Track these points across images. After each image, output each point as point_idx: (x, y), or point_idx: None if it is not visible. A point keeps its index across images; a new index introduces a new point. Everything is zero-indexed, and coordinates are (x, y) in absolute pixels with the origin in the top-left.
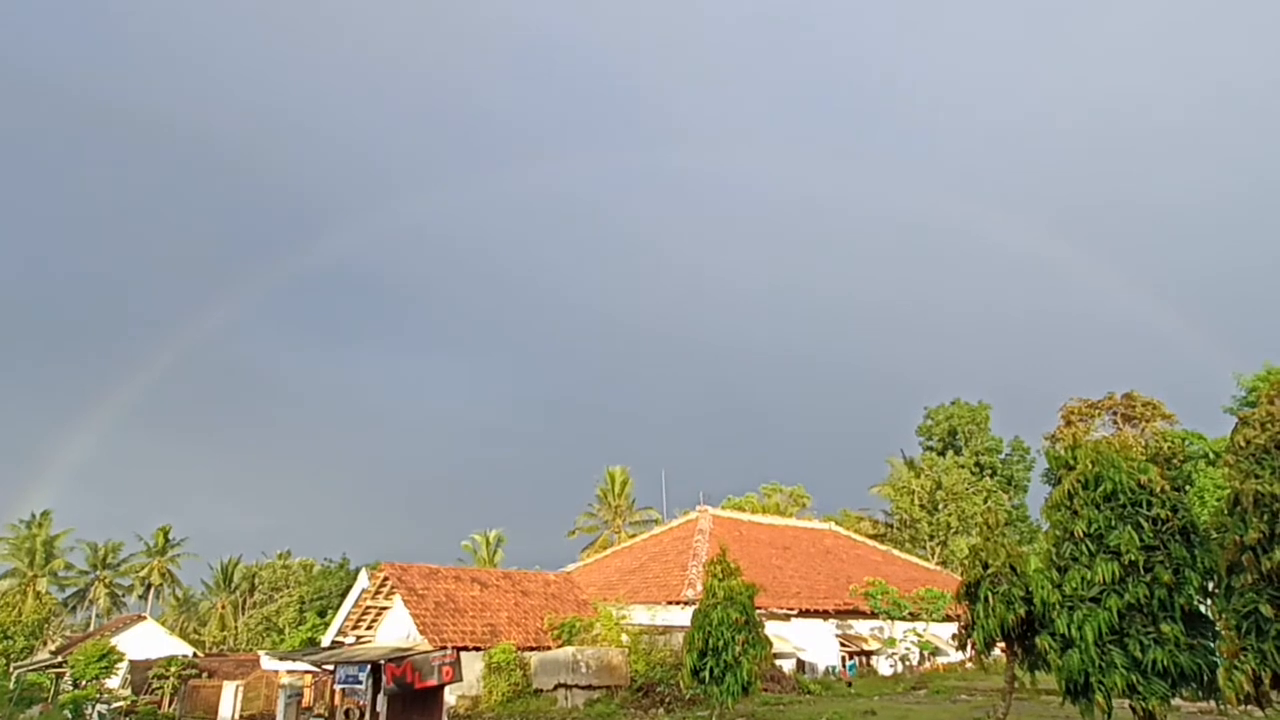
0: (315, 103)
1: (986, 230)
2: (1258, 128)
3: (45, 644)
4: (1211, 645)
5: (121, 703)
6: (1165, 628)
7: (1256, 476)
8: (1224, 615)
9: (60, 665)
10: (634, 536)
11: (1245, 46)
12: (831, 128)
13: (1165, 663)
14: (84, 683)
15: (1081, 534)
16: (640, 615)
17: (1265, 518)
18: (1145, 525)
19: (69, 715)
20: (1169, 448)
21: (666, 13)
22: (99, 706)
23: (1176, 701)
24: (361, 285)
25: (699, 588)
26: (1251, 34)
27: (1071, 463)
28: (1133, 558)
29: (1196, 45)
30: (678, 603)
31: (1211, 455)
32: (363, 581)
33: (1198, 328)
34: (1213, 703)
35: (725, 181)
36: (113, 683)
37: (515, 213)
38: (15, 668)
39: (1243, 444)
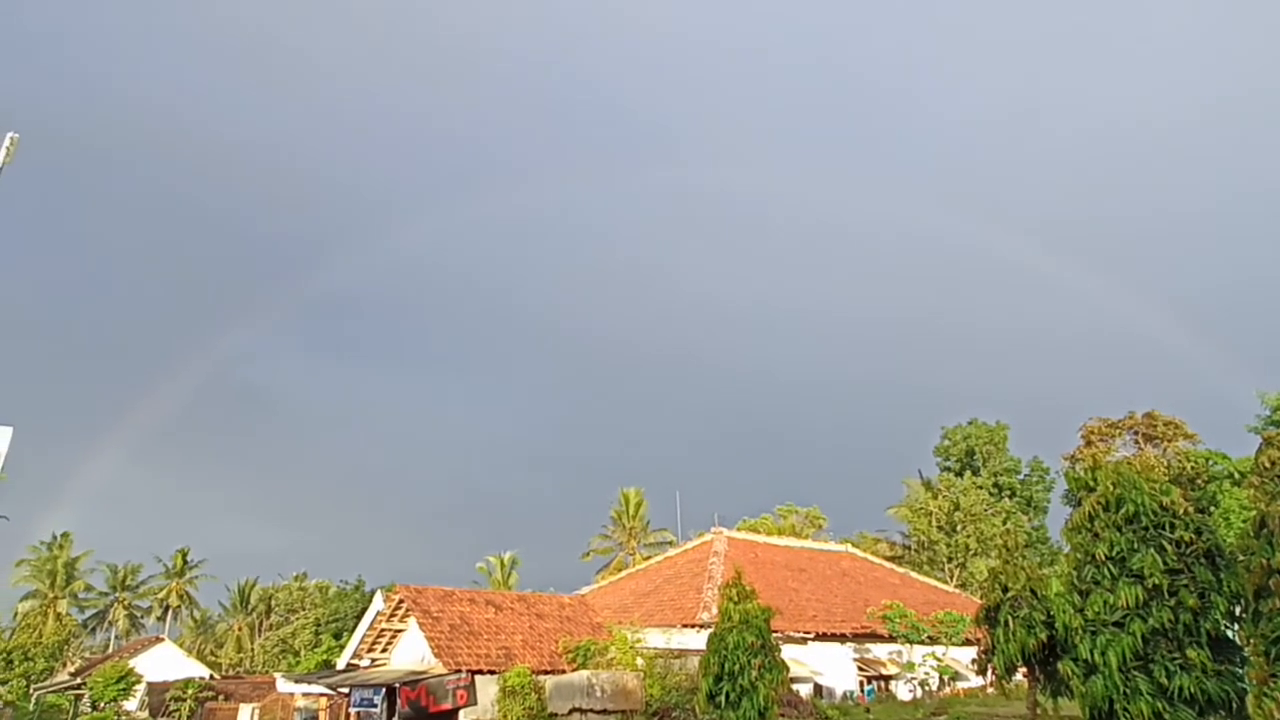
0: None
1: (1001, 248)
2: (1261, 137)
3: (65, 665)
4: (1239, 671)
5: None
6: (1191, 653)
7: None
8: (1252, 640)
9: (79, 687)
10: (649, 559)
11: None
12: (840, 145)
13: (1192, 689)
14: (102, 705)
15: (1103, 557)
16: (655, 638)
17: None
18: (1168, 548)
19: None
20: (1192, 468)
21: (678, 42)
22: None
23: None
24: (372, 311)
25: (714, 611)
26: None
27: (1092, 484)
28: (1156, 581)
29: (1216, 54)
30: (693, 626)
31: (1236, 475)
32: (378, 604)
33: (1220, 346)
34: None
35: (732, 201)
36: (131, 705)
37: (524, 238)
38: (35, 689)
39: (1268, 465)
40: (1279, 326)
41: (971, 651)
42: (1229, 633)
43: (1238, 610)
